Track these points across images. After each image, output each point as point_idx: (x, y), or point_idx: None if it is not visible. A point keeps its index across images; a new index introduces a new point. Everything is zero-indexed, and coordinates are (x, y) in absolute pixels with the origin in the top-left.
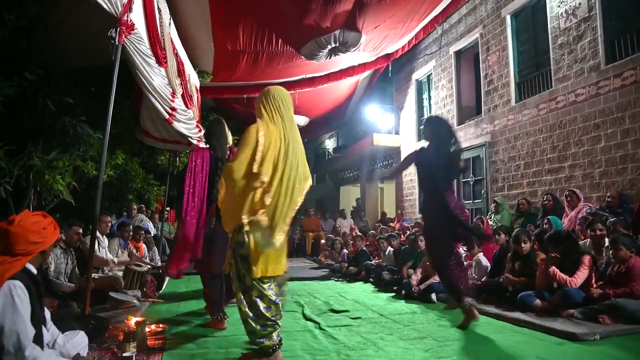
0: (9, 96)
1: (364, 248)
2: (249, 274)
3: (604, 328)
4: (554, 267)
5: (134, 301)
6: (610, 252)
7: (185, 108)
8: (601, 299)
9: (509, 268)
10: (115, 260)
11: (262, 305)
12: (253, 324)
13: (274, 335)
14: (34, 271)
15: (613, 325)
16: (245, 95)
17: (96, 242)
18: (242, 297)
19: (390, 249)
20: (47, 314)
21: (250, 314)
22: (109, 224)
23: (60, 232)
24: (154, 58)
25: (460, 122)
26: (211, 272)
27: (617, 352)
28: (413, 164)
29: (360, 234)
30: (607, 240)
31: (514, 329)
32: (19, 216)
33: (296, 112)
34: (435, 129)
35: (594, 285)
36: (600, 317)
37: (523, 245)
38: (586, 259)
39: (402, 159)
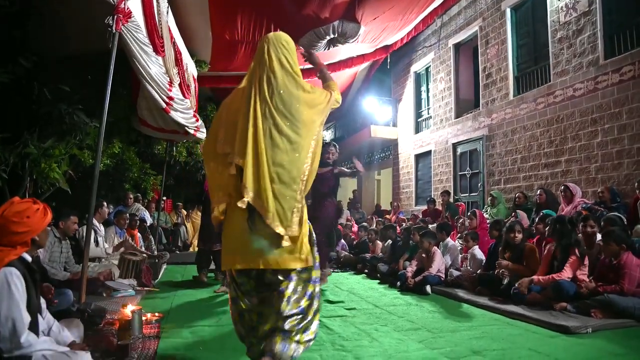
0: (3, 83)
1: (366, 239)
2: None
3: (596, 321)
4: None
5: (130, 290)
6: (601, 245)
7: (182, 97)
8: (592, 294)
9: (500, 258)
10: (109, 249)
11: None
12: None
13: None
14: (29, 259)
15: (605, 319)
16: None
17: (93, 231)
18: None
19: (389, 241)
20: (43, 301)
21: None
22: (106, 212)
23: (53, 221)
24: (151, 46)
25: (458, 115)
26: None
27: (608, 345)
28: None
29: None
30: (599, 236)
31: (507, 321)
32: (3, 206)
33: None
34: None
35: (584, 280)
36: (593, 312)
37: (517, 234)
38: (577, 251)
39: (399, 151)
